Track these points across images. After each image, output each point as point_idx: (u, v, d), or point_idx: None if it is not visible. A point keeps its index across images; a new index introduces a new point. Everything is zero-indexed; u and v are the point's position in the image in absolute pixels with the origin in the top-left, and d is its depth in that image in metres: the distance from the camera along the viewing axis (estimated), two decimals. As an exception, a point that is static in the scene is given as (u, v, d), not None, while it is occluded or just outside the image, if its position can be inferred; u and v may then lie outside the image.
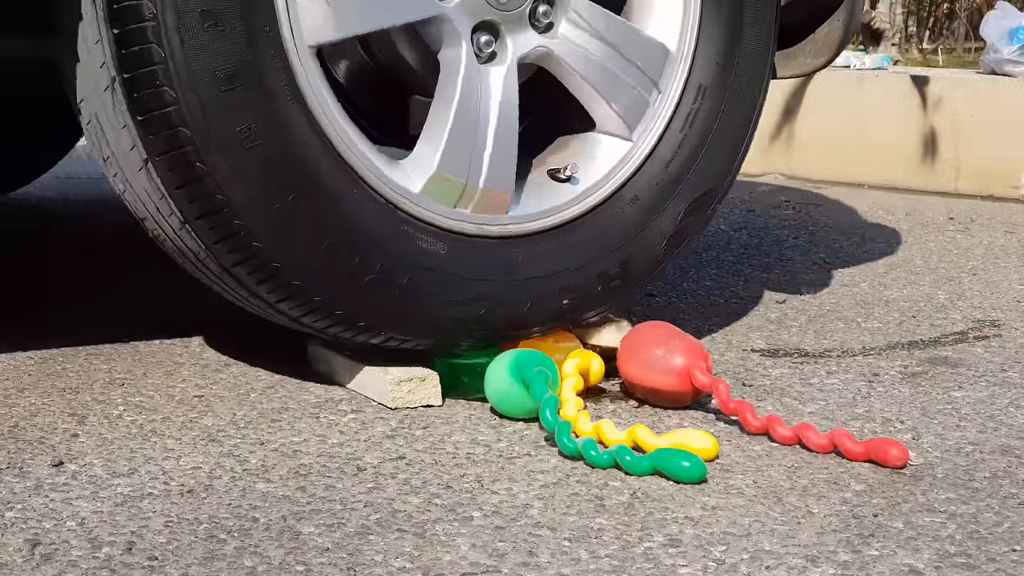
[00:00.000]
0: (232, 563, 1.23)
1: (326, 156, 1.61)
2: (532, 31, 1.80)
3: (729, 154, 1.96)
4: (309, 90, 1.60)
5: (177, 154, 1.54)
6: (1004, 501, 1.43)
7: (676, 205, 1.91)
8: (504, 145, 1.76)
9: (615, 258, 1.86)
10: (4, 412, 1.66)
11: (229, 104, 1.54)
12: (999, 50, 4.11)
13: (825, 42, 2.14)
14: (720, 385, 1.67)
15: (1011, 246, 3.06)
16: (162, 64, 1.51)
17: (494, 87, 1.75)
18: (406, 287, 1.68)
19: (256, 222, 1.58)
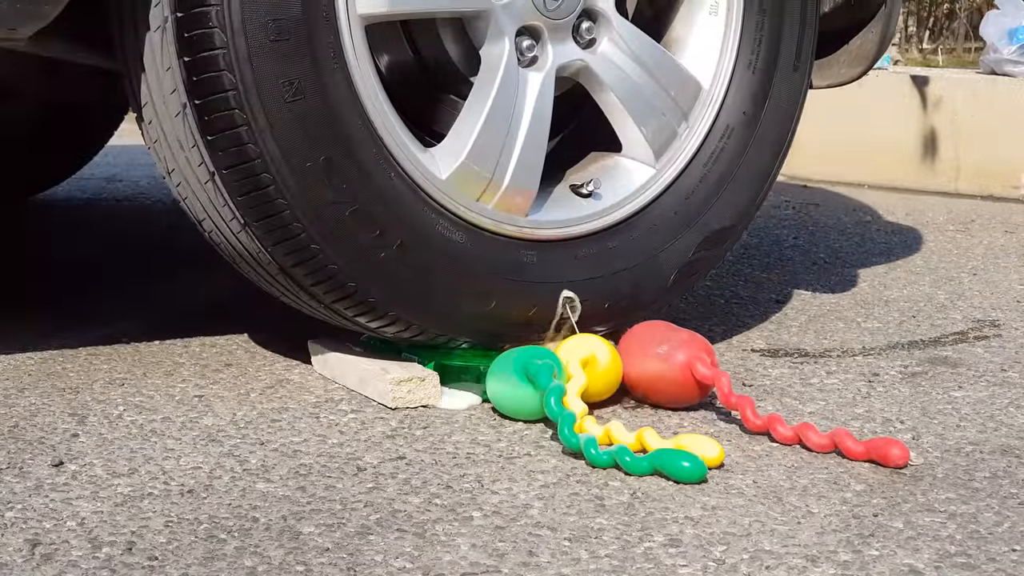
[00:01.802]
0: (232, 563, 1.23)
1: (363, 129, 1.64)
2: (573, 43, 1.84)
3: (749, 195, 2.00)
4: (358, 70, 1.63)
5: None
6: (1004, 501, 1.43)
7: (691, 238, 1.93)
8: (533, 148, 1.79)
9: (624, 279, 1.87)
10: (4, 412, 1.66)
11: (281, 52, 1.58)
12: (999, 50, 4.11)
13: (859, 53, 2.15)
14: (722, 379, 1.67)
15: (1011, 246, 3.06)
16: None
17: (530, 90, 1.79)
18: (421, 269, 1.69)
19: (286, 176, 1.59)
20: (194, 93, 1.58)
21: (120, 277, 2.56)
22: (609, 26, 1.86)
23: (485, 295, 1.75)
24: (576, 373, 1.67)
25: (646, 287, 1.90)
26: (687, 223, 1.93)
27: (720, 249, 1.99)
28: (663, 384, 1.72)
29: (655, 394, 1.74)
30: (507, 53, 1.75)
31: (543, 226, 1.82)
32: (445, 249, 1.71)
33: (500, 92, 1.75)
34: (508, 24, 1.75)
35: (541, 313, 1.80)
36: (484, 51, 1.77)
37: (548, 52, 1.80)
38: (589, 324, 1.84)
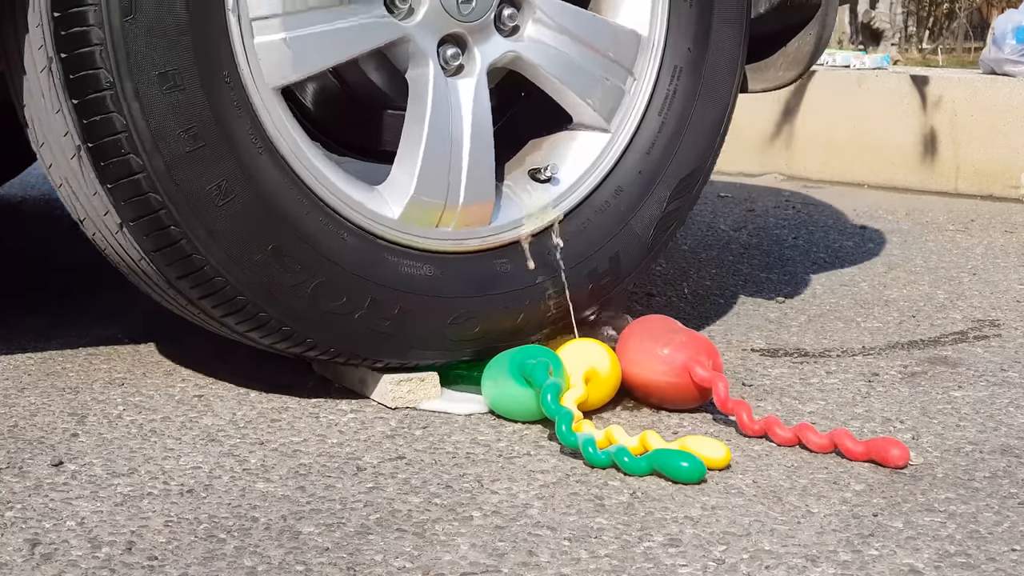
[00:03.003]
0: (232, 563, 1.23)
1: (303, 200, 1.60)
2: (499, 36, 1.77)
3: (710, 134, 1.94)
4: (277, 135, 1.58)
5: (152, 218, 1.53)
6: (1004, 501, 1.43)
7: (661, 191, 1.89)
8: (480, 159, 1.74)
9: (603, 254, 1.85)
10: (4, 412, 1.66)
11: (202, 158, 1.52)
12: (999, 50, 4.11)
13: (796, 56, 2.10)
14: (719, 383, 1.66)
15: (1011, 246, 3.06)
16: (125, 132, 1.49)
17: (465, 100, 1.72)
18: (398, 317, 1.67)
19: (239, 277, 1.57)
20: (126, 215, 1.54)
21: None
22: (531, 7, 1.79)
23: (468, 319, 1.73)
24: (576, 384, 1.66)
25: (625, 256, 1.87)
26: (653, 179, 1.88)
27: (691, 194, 1.93)
28: (662, 386, 1.72)
29: (655, 396, 1.74)
30: (432, 72, 1.69)
31: (508, 228, 1.78)
32: (415, 287, 1.69)
33: (435, 114, 1.69)
34: (427, 42, 1.69)
35: (530, 317, 1.79)
36: (409, 75, 1.71)
37: (475, 56, 1.74)
38: (576, 312, 1.82)
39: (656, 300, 2.41)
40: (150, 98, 1.49)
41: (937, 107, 4.01)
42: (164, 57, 1.49)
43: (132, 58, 1.48)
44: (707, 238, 3.08)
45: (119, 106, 1.48)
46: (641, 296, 2.43)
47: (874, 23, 7.75)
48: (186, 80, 1.50)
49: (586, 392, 1.65)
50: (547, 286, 1.79)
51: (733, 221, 3.34)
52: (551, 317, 1.81)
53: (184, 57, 1.50)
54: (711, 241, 3.05)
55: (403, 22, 1.68)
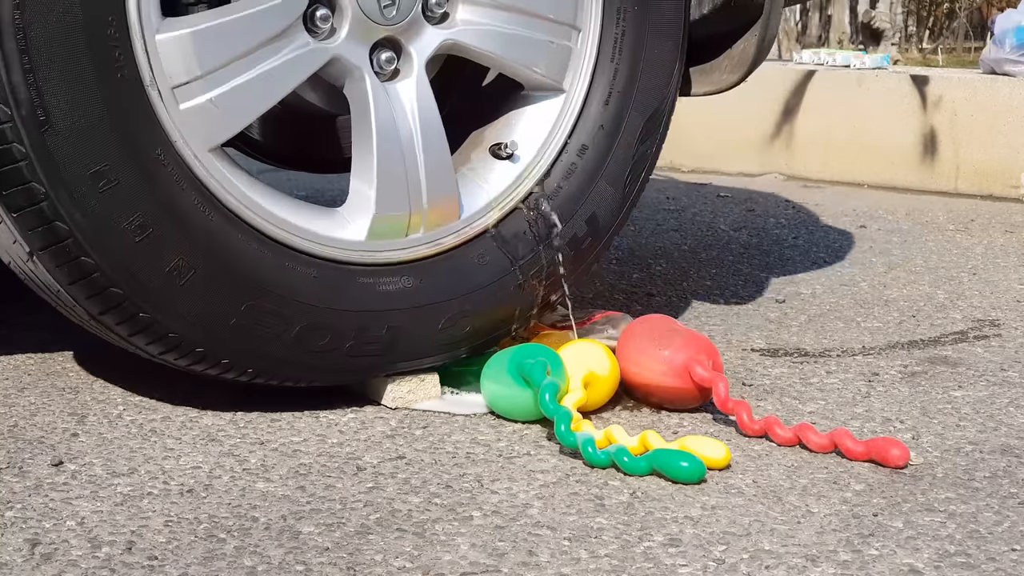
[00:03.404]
0: (232, 563, 1.23)
1: (263, 251, 1.58)
2: (430, 27, 1.71)
3: (666, 69, 1.88)
4: (226, 194, 1.56)
5: (117, 309, 1.52)
6: (1004, 501, 1.43)
7: (626, 139, 1.85)
8: (435, 156, 1.70)
9: (580, 218, 1.81)
10: (4, 412, 1.66)
11: (151, 245, 1.50)
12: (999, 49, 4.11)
13: (741, 58, 2.06)
14: (719, 383, 1.66)
15: (1011, 246, 3.06)
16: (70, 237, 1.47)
17: (407, 102, 1.69)
18: (387, 339, 1.66)
19: (218, 341, 1.56)
20: (92, 310, 1.52)
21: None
22: None
23: (458, 319, 1.71)
24: (576, 387, 1.66)
25: (603, 214, 1.84)
26: (616, 128, 1.84)
27: (658, 134, 1.89)
28: (662, 387, 1.72)
29: (655, 396, 1.74)
30: (369, 84, 1.65)
31: (480, 215, 1.75)
32: (399, 302, 1.67)
33: (381, 125, 1.66)
34: (357, 56, 1.64)
35: (520, 301, 1.76)
36: (347, 91, 1.67)
37: (410, 55, 1.69)
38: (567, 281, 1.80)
39: (656, 300, 2.41)
40: (87, 200, 1.46)
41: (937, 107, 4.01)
42: (91, 156, 1.45)
43: (59, 166, 1.44)
44: (707, 238, 3.08)
45: (58, 214, 1.45)
46: (641, 296, 2.43)
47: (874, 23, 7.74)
48: (119, 173, 1.47)
49: (585, 395, 1.65)
50: (529, 266, 1.77)
51: (733, 221, 3.34)
52: (541, 296, 1.79)
53: (111, 150, 1.47)
54: (711, 241, 3.05)
55: (328, 43, 1.63)
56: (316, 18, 1.61)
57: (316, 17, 1.61)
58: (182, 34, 1.51)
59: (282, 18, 1.58)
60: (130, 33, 1.47)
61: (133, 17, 1.48)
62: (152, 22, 1.49)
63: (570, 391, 1.65)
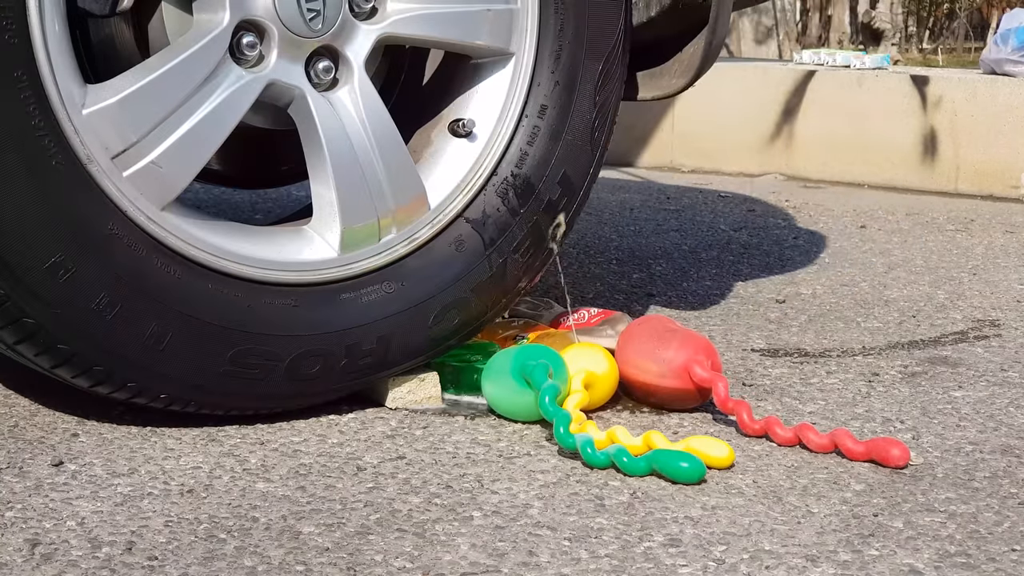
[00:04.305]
0: (232, 563, 1.23)
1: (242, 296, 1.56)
2: (361, 25, 1.66)
3: (613, 11, 1.81)
4: (192, 249, 1.53)
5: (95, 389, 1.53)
6: (1004, 501, 1.43)
7: (585, 89, 1.79)
8: (392, 154, 1.67)
9: (551, 181, 1.77)
10: (4, 412, 1.66)
11: (124, 319, 1.49)
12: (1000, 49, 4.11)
13: (691, 62, 2.03)
14: (719, 383, 1.66)
15: (1011, 246, 3.06)
16: None
17: (353, 108, 1.65)
18: (379, 346, 1.65)
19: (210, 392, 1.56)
20: None
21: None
22: None
23: (447, 316, 1.70)
24: (577, 389, 1.66)
25: (574, 172, 1.79)
26: (572, 82, 1.78)
27: (617, 72, 1.82)
28: (661, 387, 1.72)
29: (654, 397, 1.74)
30: (312, 103, 1.61)
31: (449, 201, 1.72)
32: (388, 307, 1.66)
33: (331, 140, 1.62)
34: (292, 75, 1.60)
35: (502, 282, 1.74)
36: (292, 110, 1.63)
37: (348, 59, 1.64)
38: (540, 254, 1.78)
39: (656, 300, 2.41)
40: (49, 292, 1.44)
41: (937, 107, 4.01)
42: (43, 251, 1.43)
43: (12, 267, 1.42)
44: (707, 238, 3.08)
45: (23, 312, 1.44)
46: (641, 296, 2.43)
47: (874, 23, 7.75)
48: (75, 260, 1.45)
49: (587, 396, 1.65)
50: (507, 244, 1.75)
51: (733, 221, 3.34)
52: (526, 268, 1.76)
53: (63, 239, 1.44)
54: (711, 241, 3.05)
55: (260, 70, 1.58)
56: (243, 46, 1.56)
57: (243, 45, 1.56)
58: (110, 104, 1.47)
59: (209, 58, 1.53)
60: (56, 116, 1.43)
61: (54, 97, 1.43)
62: (75, 98, 1.45)
63: (571, 392, 1.65)
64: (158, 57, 1.53)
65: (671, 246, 2.96)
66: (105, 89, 1.49)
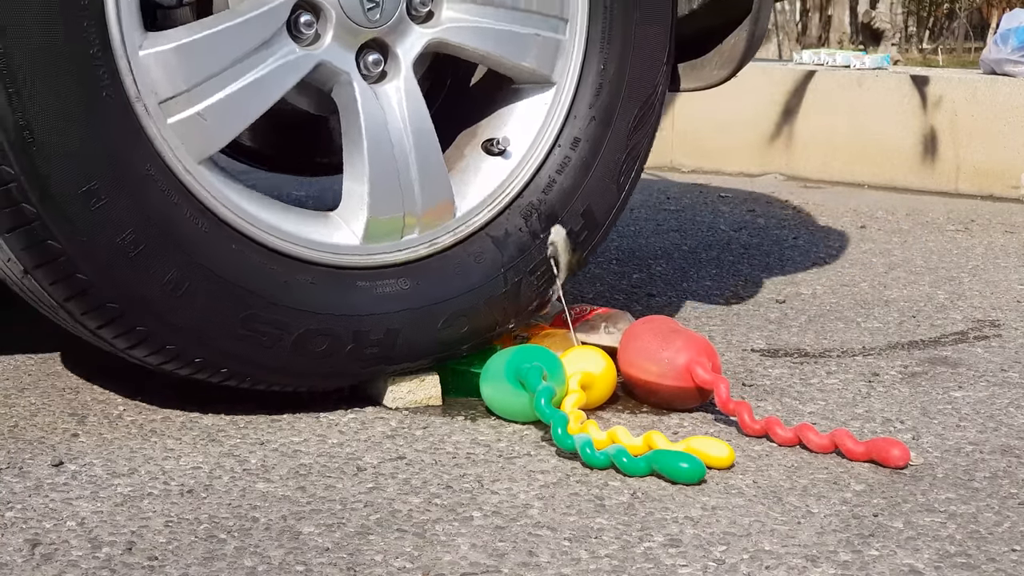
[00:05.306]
0: (232, 563, 1.23)
1: (262, 261, 1.58)
2: (415, 27, 1.70)
3: (657, 53, 1.86)
4: (219, 206, 1.56)
5: (112, 324, 1.53)
6: (1004, 501, 1.43)
7: (619, 127, 1.84)
8: (427, 156, 1.70)
9: (574, 212, 1.80)
10: (4, 412, 1.66)
11: (146, 260, 1.50)
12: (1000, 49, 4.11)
13: (731, 54, 2.06)
14: (721, 384, 1.67)
15: (1011, 246, 3.06)
16: None
17: (397, 104, 1.68)
18: (386, 339, 1.66)
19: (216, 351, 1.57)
20: (89, 325, 1.53)
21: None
22: None
23: (459, 319, 1.71)
24: (573, 389, 1.66)
25: (598, 208, 1.83)
26: (607, 119, 1.82)
27: (651, 122, 1.87)
28: (663, 387, 1.72)
29: (655, 396, 1.74)
30: (357, 89, 1.64)
31: (474, 213, 1.75)
32: (400, 302, 1.67)
33: (370, 128, 1.65)
34: (343, 59, 1.64)
35: (515, 299, 1.76)
36: (335, 95, 1.66)
37: (397, 56, 1.68)
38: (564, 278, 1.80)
39: (656, 300, 2.41)
40: (79, 217, 1.46)
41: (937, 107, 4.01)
42: (81, 176, 1.46)
43: (48, 186, 1.44)
44: (707, 238, 3.08)
45: (50, 234, 1.45)
46: (641, 296, 2.43)
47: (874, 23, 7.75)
48: (109, 192, 1.47)
49: (584, 396, 1.66)
50: (525, 264, 1.77)
51: (733, 221, 3.34)
52: (539, 292, 1.78)
53: (101, 168, 1.47)
54: (711, 241, 3.05)
55: (313, 49, 1.62)
56: (300, 24, 1.60)
57: (300, 23, 1.60)
58: (165, 49, 1.51)
59: (265, 27, 1.57)
60: (113, 52, 1.47)
61: (115, 36, 1.47)
62: (135, 40, 1.49)
63: (569, 393, 1.65)
64: (217, 17, 1.56)
65: (671, 246, 2.96)
66: (163, 37, 1.52)
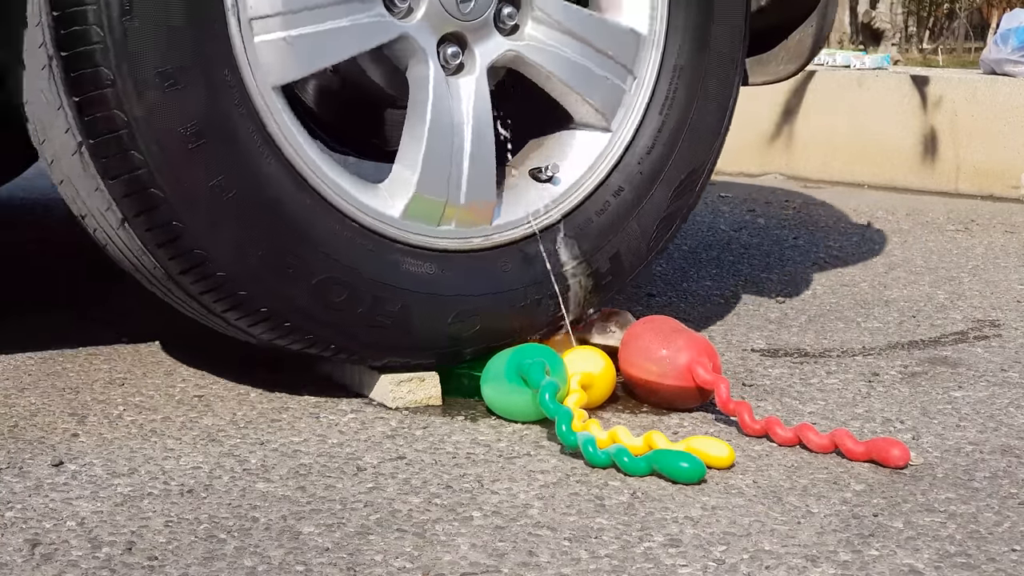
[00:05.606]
0: (232, 563, 1.23)
1: (304, 198, 1.60)
2: (498, 35, 1.77)
3: (711, 133, 1.94)
4: (279, 133, 1.59)
5: (153, 213, 1.54)
6: (1004, 501, 1.43)
7: (662, 190, 1.89)
8: (482, 155, 1.74)
9: (604, 254, 1.85)
10: (4, 412, 1.66)
11: (199, 157, 1.53)
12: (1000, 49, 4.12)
13: (797, 49, 2.11)
14: (721, 384, 1.67)
15: (1011, 246, 3.06)
16: None
17: (465, 98, 1.73)
18: (399, 314, 1.67)
19: (242, 268, 1.57)
20: (127, 211, 1.54)
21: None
22: (531, 6, 1.79)
23: (471, 317, 1.73)
24: (574, 388, 1.66)
25: (627, 256, 1.87)
26: (654, 178, 1.88)
27: (693, 194, 1.93)
28: (664, 387, 1.72)
29: (656, 396, 1.74)
30: (432, 70, 1.70)
31: (511, 227, 1.79)
32: (417, 285, 1.69)
33: (435, 112, 1.70)
34: (426, 41, 1.69)
35: (530, 317, 1.79)
36: (409, 73, 1.71)
37: (475, 54, 1.74)
38: (579, 309, 1.83)
39: (656, 300, 2.41)
40: (151, 96, 1.49)
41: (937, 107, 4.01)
42: (164, 56, 1.49)
43: (132, 56, 1.48)
44: (707, 238, 3.08)
45: (120, 103, 1.48)
46: (641, 296, 2.43)
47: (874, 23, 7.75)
48: (186, 78, 1.51)
49: (584, 396, 1.66)
50: (547, 287, 1.79)
51: (733, 221, 3.34)
52: (552, 316, 1.81)
53: (183, 56, 1.51)
54: (711, 241, 3.05)
55: (402, 21, 1.68)
56: None
57: None
58: None
59: None
60: None
61: None
62: None
63: (571, 391, 1.65)
64: None
65: (671, 246, 2.96)
66: None
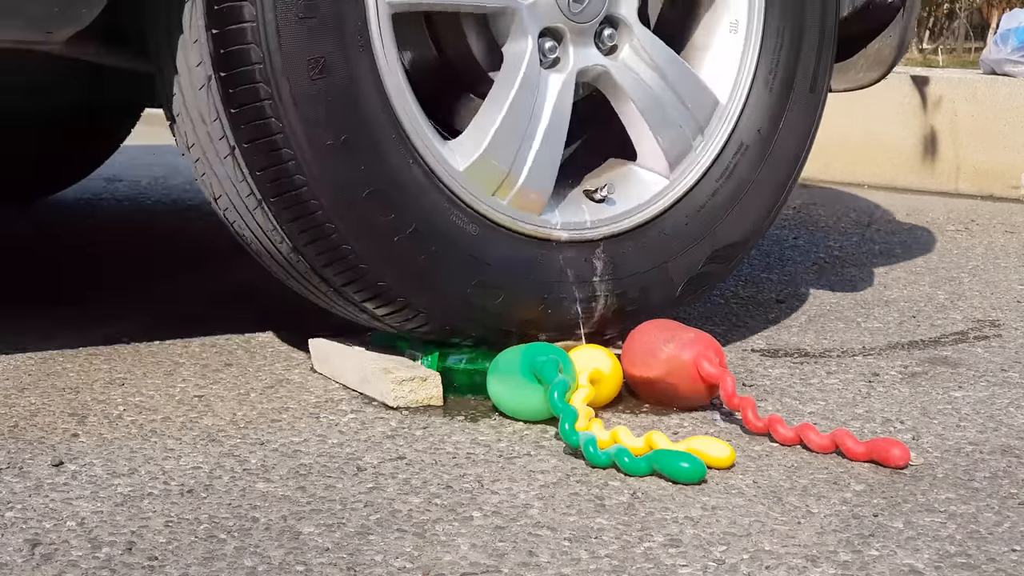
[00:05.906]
0: (232, 563, 1.23)
1: (384, 113, 1.66)
2: (595, 49, 1.85)
3: (760, 212, 2.00)
4: (381, 49, 1.65)
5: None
6: (1004, 501, 1.43)
7: (700, 250, 1.93)
8: (550, 148, 1.81)
9: (635, 284, 1.88)
10: (4, 412, 1.66)
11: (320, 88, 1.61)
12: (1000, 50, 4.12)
13: (877, 57, 2.17)
14: (727, 379, 1.67)
15: (1011, 246, 3.06)
16: None
17: (551, 91, 1.80)
18: (433, 256, 1.70)
19: (306, 153, 1.62)
20: (220, 66, 1.60)
21: (121, 277, 2.56)
22: (630, 34, 1.87)
23: (494, 289, 1.76)
24: (584, 384, 1.66)
25: (654, 293, 1.90)
26: (698, 235, 1.93)
27: (729, 264, 1.99)
28: (669, 384, 1.72)
29: (661, 394, 1.74)
30: (529, 52, 1.77)
31: (556, 226, 1.83)
32: (457, 239, 1.72)
33: (521, 90, 1.77)
34: (532, 24, 1.77)
35: (549, 313, 1.80)
36: (506, 49, 1.78)
37: (569, 55, 1.82)
38: (598, 326, 1.85)
39: (656, 300, 2.41)
40: (289, 31, 1.58)
41: (937, 107, 4.01)
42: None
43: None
44: (707, 238, 3.08)
45: (258, 40, 1.57)
46: (641, 296, 2.43)
47: (874, 23, 7.73)
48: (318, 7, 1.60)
49: (593, 391, 1.66)
50: (575, 292, 1.82)
51: (733, 221, 3.34)
52: (571, 320, 1.83)
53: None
54: (711, 241, 3.04)
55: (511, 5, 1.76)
56: None
57: None
58: None
59: None
60: None
61: None
62: None
63: (580, 387, 1.66)
64: None
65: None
66: None
